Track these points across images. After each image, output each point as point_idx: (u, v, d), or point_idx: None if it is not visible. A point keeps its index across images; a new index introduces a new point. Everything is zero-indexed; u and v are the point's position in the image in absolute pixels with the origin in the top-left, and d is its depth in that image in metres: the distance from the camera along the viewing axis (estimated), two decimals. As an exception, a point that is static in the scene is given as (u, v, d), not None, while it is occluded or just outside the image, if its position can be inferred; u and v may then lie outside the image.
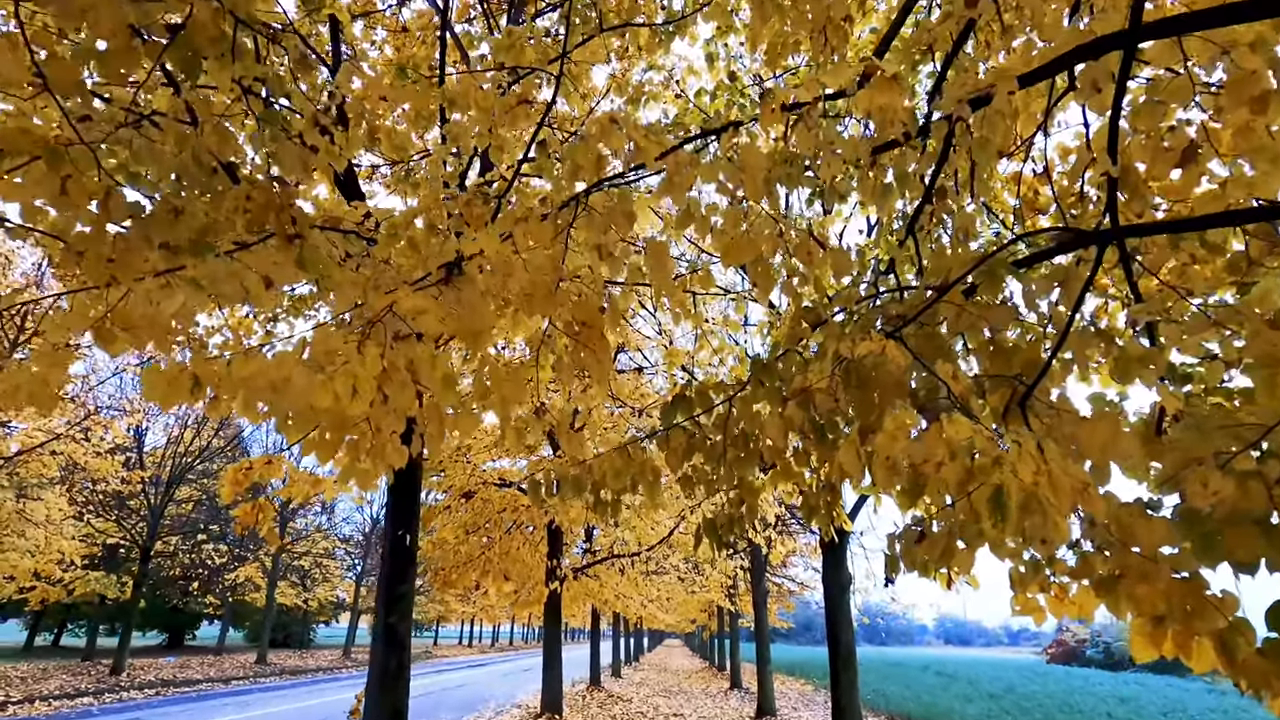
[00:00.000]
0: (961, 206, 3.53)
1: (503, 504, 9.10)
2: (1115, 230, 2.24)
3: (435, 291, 2.51)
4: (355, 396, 1.70)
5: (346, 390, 1.68)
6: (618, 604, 13.43)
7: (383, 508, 36.14)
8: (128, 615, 19.69)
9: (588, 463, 2.82)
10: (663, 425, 3.02)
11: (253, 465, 5.76)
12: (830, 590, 7.77)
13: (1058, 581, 2.76)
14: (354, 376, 1.70)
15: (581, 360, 2.83)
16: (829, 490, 3.27)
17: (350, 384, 1.69)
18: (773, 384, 2.76)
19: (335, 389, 1.67)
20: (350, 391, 1.69)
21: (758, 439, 3.11)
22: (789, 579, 27.28)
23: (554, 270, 2.79)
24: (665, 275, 2.73)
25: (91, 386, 16.26)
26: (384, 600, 4.61)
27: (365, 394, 1.72)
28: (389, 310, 2.22)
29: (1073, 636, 49.49)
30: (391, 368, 2.06)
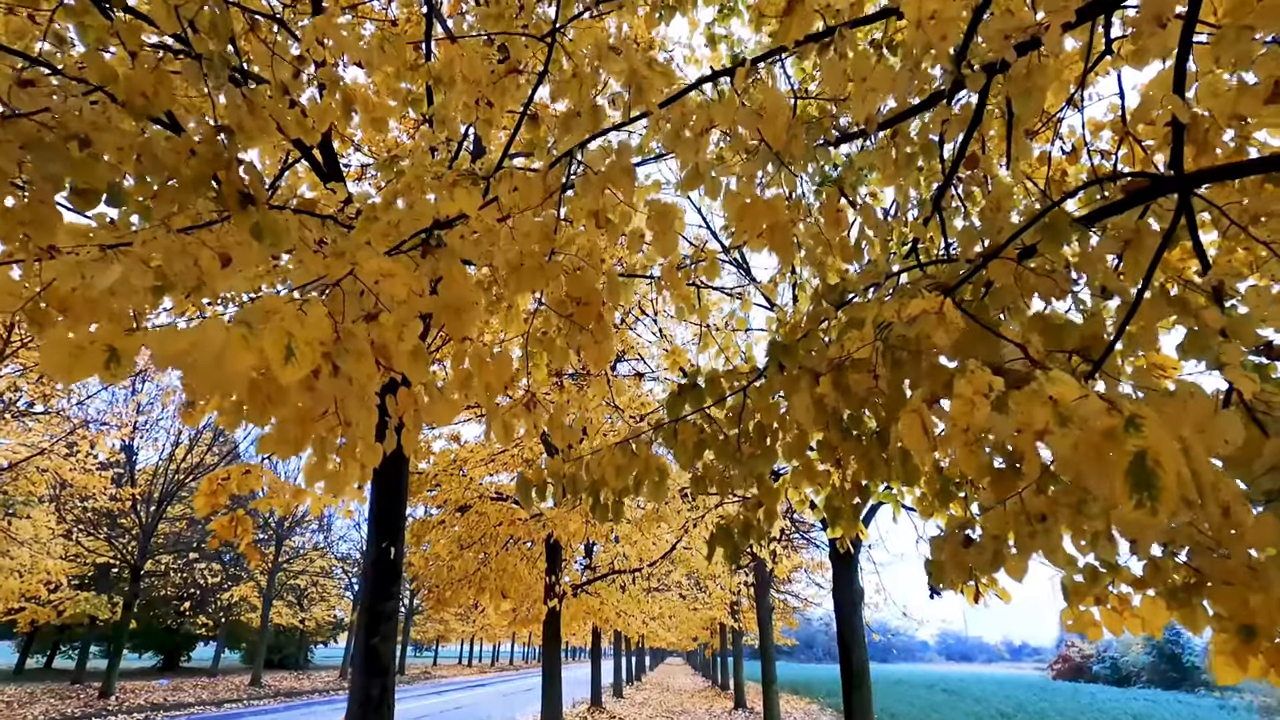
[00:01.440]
0: (995, 176, 3.22)
1: (499, 518, 8.72)
2: (1199, 175, 1.92)
3: (408, 261, 2.19)
4: (291, 362, 1.37)
5: (277, 351, 1.34)
6: (619, 622, 12.99)
7: (380, 525, 35.70)
8: (118, 637, 19.17)
9: (585, 459, 2.48)
10: (669, 417, 2.68)
11: (229, 475, 5.41)
12: (842, 605, 7.38)
13: (1117, 592, 2.43)
14: (289, 336, 1.37)
15: (578, 341, 2.49)
16: (856, 491, 2.93)
17: (283, 343, 1.35)
18: (793, 368, 2.43)
19: (262, 347, 1.33)
20: (283, 354, 1.35)
21: (776, 433, 2.78)
22: (792, 594, 26.76)
23: (545, 239, 2.47)
24: (670, 241, 2.40)
25: (80, 400, 15.89)
26: (366, 620, 4.24)
27: (304, 359, 1.39)
28: (349, 275, 1.89)
29: (1078, 652, 48.67)
30: (347, 335, 1.73)
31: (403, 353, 1.88)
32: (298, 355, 1.38)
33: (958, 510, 3.79)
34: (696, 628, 23.37)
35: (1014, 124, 2.80)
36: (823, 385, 1.93)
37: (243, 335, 1.31)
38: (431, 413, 2.36)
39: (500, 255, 2.51)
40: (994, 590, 3.60)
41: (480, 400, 2.63)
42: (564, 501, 8.84)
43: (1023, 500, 2.31)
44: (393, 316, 1.88)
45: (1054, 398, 1.15)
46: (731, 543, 2.86)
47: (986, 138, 3.50)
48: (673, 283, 4.50)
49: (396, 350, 1.87)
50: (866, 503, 2.91)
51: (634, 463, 2.49)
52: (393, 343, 1.86)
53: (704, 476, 2.75)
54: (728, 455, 2.69)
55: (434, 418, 2.36)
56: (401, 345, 1.86)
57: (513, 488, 10.53)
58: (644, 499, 9.73)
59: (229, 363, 1.32)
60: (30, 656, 28.61)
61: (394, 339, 1.86)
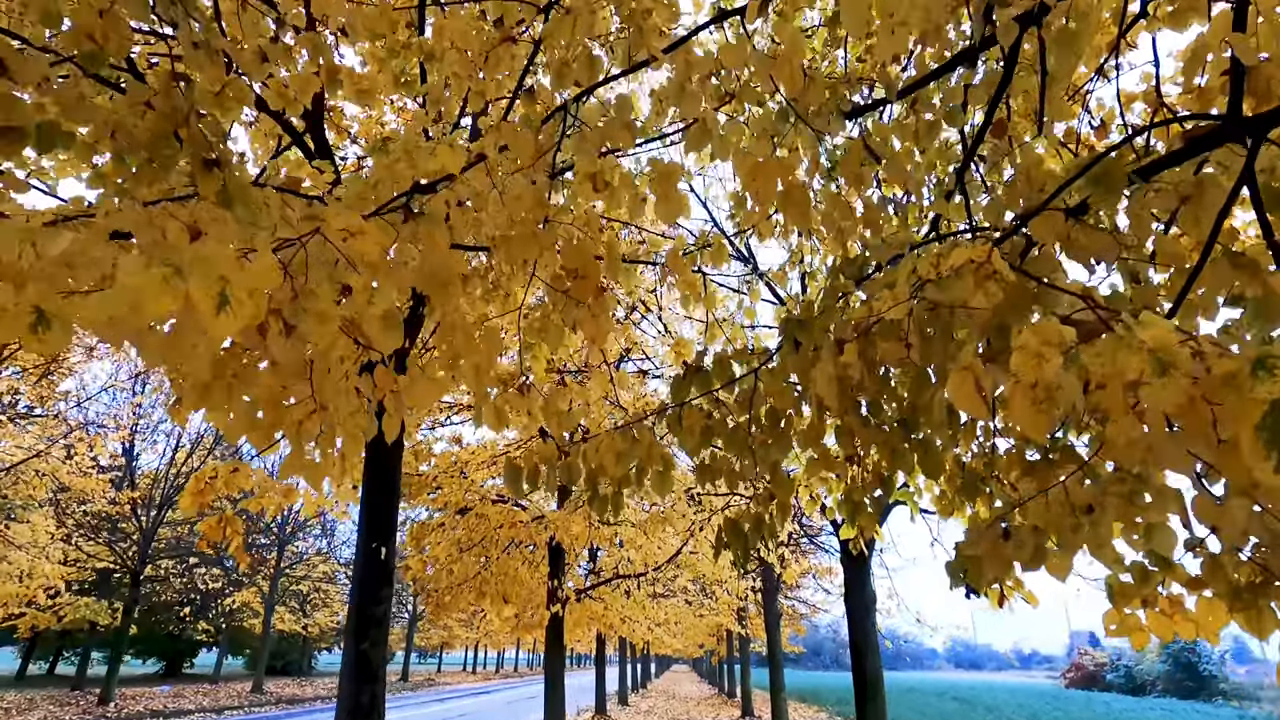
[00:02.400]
0: (1024, 144, 3.00)
1: (500, 520, 8.49)
2: (1275, 116, 1.69)
3: (384, 223, 1.98)
4: (226, 312, 1.15)
5: (207, 297, 1.13)
6: (623, 628, 12.72)
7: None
8: (118, 643, 18.98)
9: (581, 444, 2.26)
10: (674, 402, 2.46)
11: (217, 473, 5.21)
12: (854, 610, 7.11)
13: (1167, 593, 2.20)
14: (223, 281, 1.15)
15: (574, 316, 2.28)
16: (878, 483, 2.70)
17: (214, 289, 1.14)
18: (810, 345, 2.21)
19: (187, 291, 1.12)
20: (215, 301, 1.14)
21: (790, 420, 2.55)
22: (800, 600, 26.41)
23: (538, 205, 2.26)
24: (675, 203, 2.18)
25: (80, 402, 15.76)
26: (355, 624, 4.02)
27: (242, 310, 1.18)
28: (314, 234, 1.68)
29: (1091, 660, 47.94)
30: (306, 295, 1.51)
31: (372, 317, 1.67)
32: (234, 305, 1.16)
33: (983, 508, 3.55)
34: (703, 634, 23.04)
35: (1048, 82, 2.58)
36: (848, 354, 1.70)
37: (163, 276, 1.09)
38: (412, 393, 2.15)
39: (489, 222, 2.30)
40: (1019, 593, 3.37)
41: (468, 383, 2.42)
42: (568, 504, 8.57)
43: (1067, 489, 2.08)
44: (362, 278, 1.67)
45: (1149, 343, 0.93)
46: (742, 540, 2.63)
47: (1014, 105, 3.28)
48: (678, 269, 4.28)
49: (365, 315, 1.66)
50: (889, 496, 2.68)
51: (635, 450, 2.27)
52: (360, 302, 1.64)
53: (711, 467, 2.53)
54: (737, 444, 2.46)
55: (415, 399, 2.15)
56: (371, 309, 1.65)
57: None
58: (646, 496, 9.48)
59: (146, 307, 1.10)
60: (33, 663, 28.47)
61: (363, 302, 1.64)
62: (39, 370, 14.65)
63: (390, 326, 1.70)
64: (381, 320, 1.68)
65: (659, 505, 9.61)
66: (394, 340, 1.70)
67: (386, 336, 1.69)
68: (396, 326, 1.71)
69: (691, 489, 9.24)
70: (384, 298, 1.66)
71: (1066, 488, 2.03)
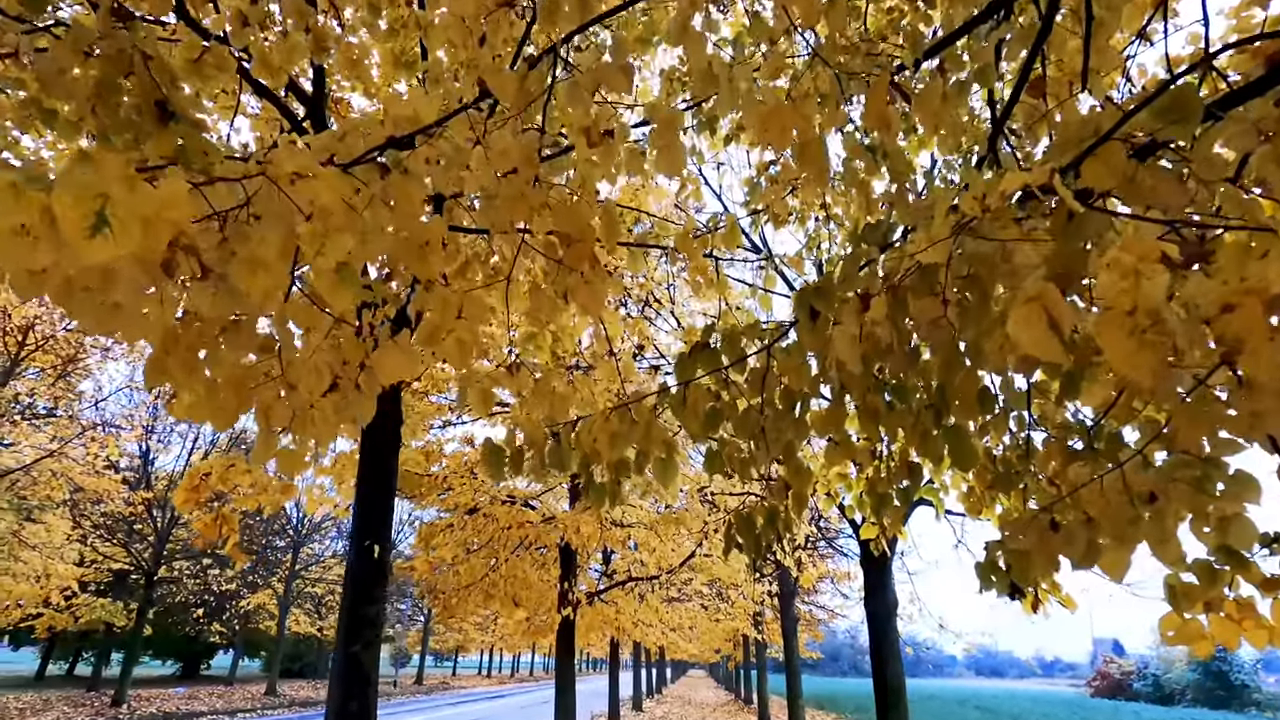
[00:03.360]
0: (1067, 100, 2.74)
1: (508, 520, 8.28)
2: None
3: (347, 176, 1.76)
4: (103, 235, 0.94)
5: (76, 214, 0.91)
6: (636, 632, 12.47)
7: (399, 533, 35.40)
8: (132, 644, 19.00)
9: (572, 424, 2.03)
10: (678, 380, 2.23)
11: (211, 470, 5.04)
12: (875, 615, 6.82)
13: (1235, 596, 1.93)
14: (101, 199, 0.94)
15: (566, 284, 2.05)
16: (905, 472, 2.45)
17: (88, 207, 0.92)
18: (830, 313, 1.97)
19: (47, 204, 0.90)
20: (87, 221, 0.92)
21: (807, 401, 2.31)
22: (817, 605, 25.99)
23: (527, 162, 2.04)
24: (676, 156, 1.95)
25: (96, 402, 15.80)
26: (346, 624, 3.82)
27: (126, 235, 0.96)
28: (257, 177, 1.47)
29: (1117, 668, 46.81)
30: (237, 237, 1.30)
31: (323, 270, 1.46)
32: (115, 229, 0.95)
33: (1016, 506, 3.28)
34: (719, 639, 22.70)
35: (1093, 29, 2.33)
36: (874, 309, 1.46)
37: (11, 183, 0.88)
38: (383, 366, 1.94)
39: (472, 180, 2.08)
40: (1055, 597, 3.11)
41: (451, 359, 2.20)
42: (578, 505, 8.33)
43: (1124, 476, 1.84)
44: (312, 226, 1.45)
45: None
46: (753, 534, 2.39)
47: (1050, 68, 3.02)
48: (688, 252, 4.05)
49: (315, 267, 1.45)
50: (918, 486, 2.43)
51: (633, 432, 2.03)
52: (309, 250, 1.43)
53: (720, 454, 2.29)
54: (748, 428, 2.23)
55: (387, 373, 1.93)
56: (321, 261, 1.43)
57: (526, 492, 10.11)
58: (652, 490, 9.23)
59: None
60: (53, 663, 28.68)
61: (312, 253, 1.43)
62: (56, 371, 14.70)
63: (346, 283, 1.49)
64: (334, 275, 1.47)
65: (672, 506, 9.36)
66: (347, 297, 1.49)
67: (339, 292, 1.48)
68: (351, 282, 1.50)
69: (705, 488, 8.99)
70: (336, 248, 1.45)
71: (1124, 474, 1.78)
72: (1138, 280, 0.80)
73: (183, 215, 1.09)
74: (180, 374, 1.97)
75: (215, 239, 1.29)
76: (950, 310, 1.47)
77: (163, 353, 1.81)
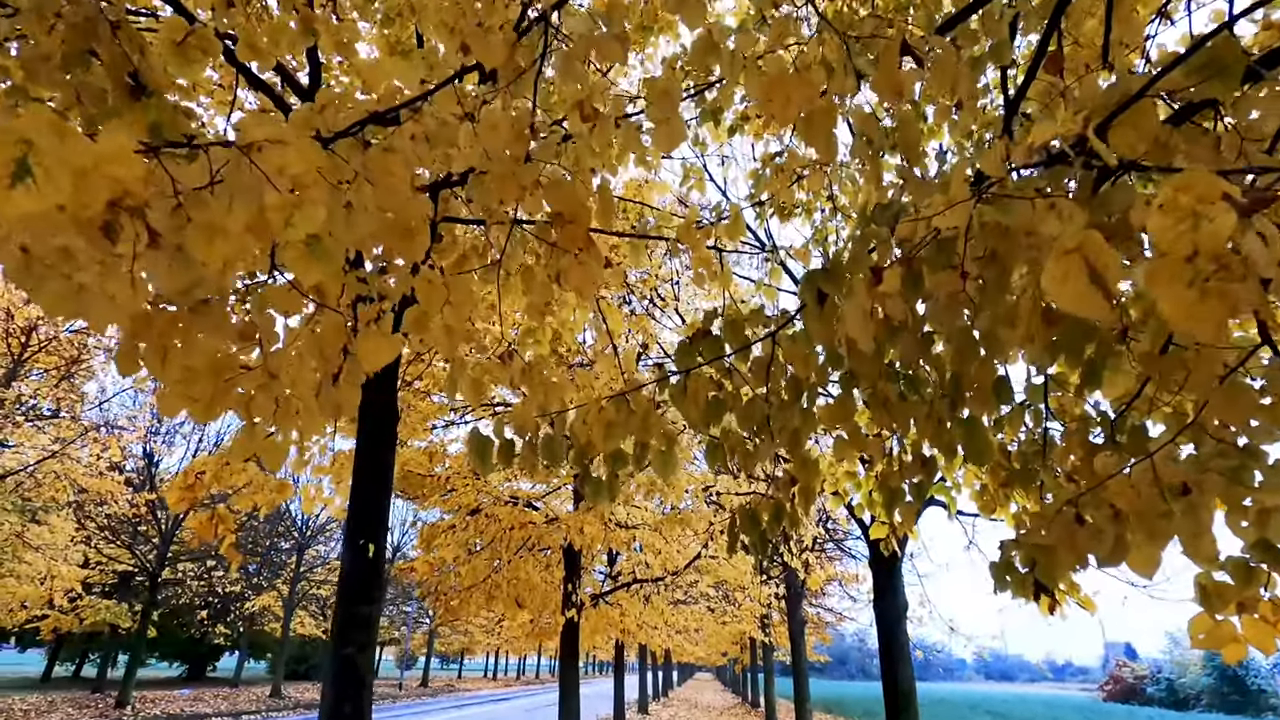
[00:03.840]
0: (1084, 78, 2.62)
1: (511, 521, 8.18)
2: None
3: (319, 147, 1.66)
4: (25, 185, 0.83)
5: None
6: (641, 634, 12.35)
7: (404, 534, 35.35)
8: (136, 646, 18.98)
9: (566, 413, 1.92)
10: (679, 369, 2.12)
11: (206, 468, 4.96)
12: (885, 618, 6.68)
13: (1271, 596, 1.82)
14: (24, 146, 0.83)
15: (559, 266, 1.94)
16: (920, 466, 2.33)
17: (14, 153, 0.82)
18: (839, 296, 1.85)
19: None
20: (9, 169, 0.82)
21: (814, 391, 2.20)
22: (825, 608, 25.78)
23: (518, 138, 1.94)
24: (675, 129, 1.84)
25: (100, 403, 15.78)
26: (340, 626, 3.71)
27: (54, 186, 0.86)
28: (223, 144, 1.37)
29: (1131, 673, 46.31)
30: (193, 203, 1.20)
31: (293, 243, 1.35)
32: (40, 179, 0.85)
33: (1032, 504, 3.16)
34: (725, 642, 22.54)
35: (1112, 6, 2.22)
36: (888, 282, 1.34)
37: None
38: (365, 352, 1.83)
39: (461, 159, 1.98)
40: (1073, 598, 2.99)
41: (440, 346, 2.10)
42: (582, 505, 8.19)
43: (1154, 466, 1.72)
44: (278, 195, 1.35)
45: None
46: (758, 531, 2.27)
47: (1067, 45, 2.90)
48: (692, 244, 3.93)
49: (283, 239, 1.34)
50: (932, 480, 2.31)
51: (630, 422, 1.92)
52: (278, 229, 1.32)
53: (722, 446, 2.17)
54: (752, 419, 2.11)
55: (369, 358, 1.83)
56: (290, 232, 1.33)
57: (530, 493, 10.00)
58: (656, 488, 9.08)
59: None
60: (59, 665, 28.73)
61: (279, 222, 1.32)
62: (59, 373, 14.70)
63: (317, 257, 1.38)
64: (303, 248, 1.36)
65: (677, 507, 9.25)
66: (319, 271, 1.38)
67: (309, 267, 1.37)
68: (324, 257, 1.39)
69: (710, 487, 8.87)
70: (307, 219, 1.34)
71: (1154, 464, 1.67)
72: (1196, 222, 0.68)
73: (128, 174, 0.98)
74: (154, 362, 1.87)
75: (169, 204, 1.18)
76: (969, 286, 1.35)
77: (134, 339, 1.72)
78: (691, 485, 8.87)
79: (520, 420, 1.82)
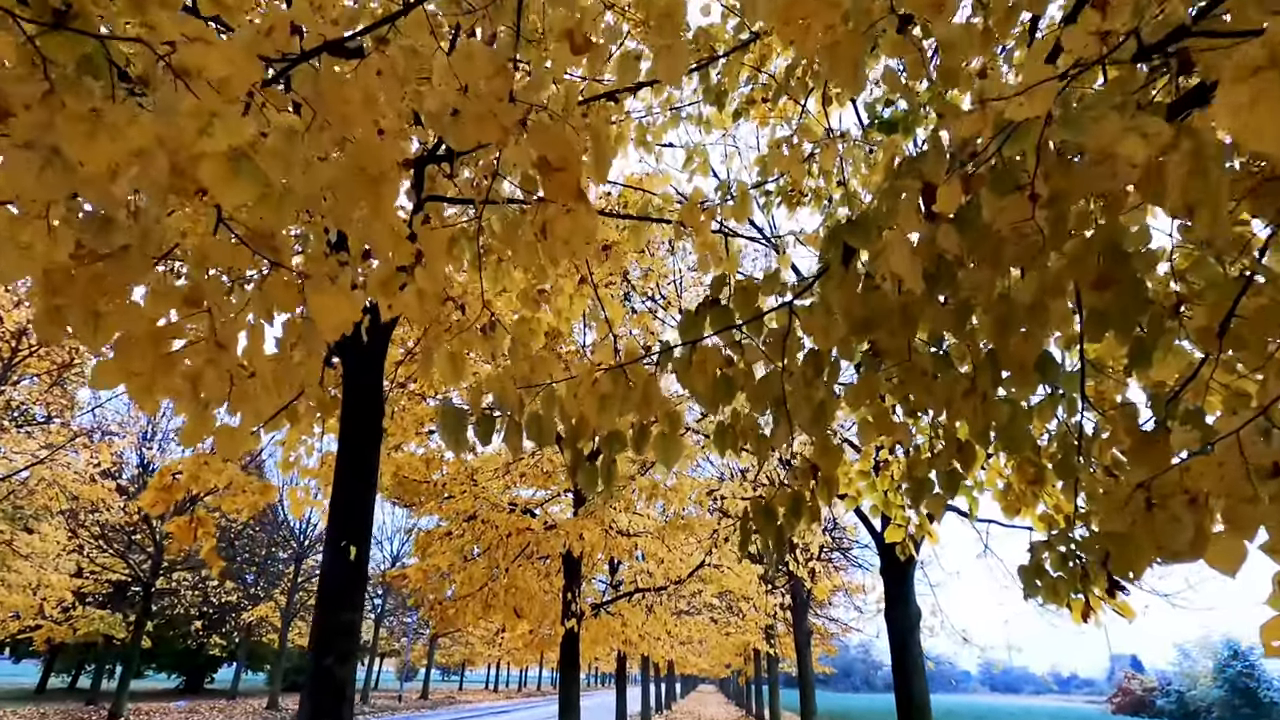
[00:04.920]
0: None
1: (508, 527, 7.91)
2: None
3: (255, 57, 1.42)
4: None
5: None
6: (644, 646, 12.02)
7: (403, 544, 35.03)
8: (130, 657, 18.65)
9: (555, 385, 1.66)
10: (684, 341, 1.86)
11: (183, 469, 4.69)
12: (897, 627, 6.39)
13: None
14: None
15: (545, 216, 1.69)
16: (955, 453, 2.07)
17: None
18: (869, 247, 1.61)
19: None
20: None
21: (836, 367, 1.94)
22: (830, 618, 25.39)
23: (499, 73, 1.69)
24: (677, 59, 1.60)
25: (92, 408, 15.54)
26: (319, 635, 3.44)
27: None
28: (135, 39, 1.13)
29: (1139, 685, 45.63)
30: (68, 87, 0.95)
31: (211, 156, 1.10)
32: None
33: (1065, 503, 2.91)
34: (729, 653, 22.16)
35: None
36: (942, 200, 1.09)
37: None
38: (321, 311, 1.58)
39: (434, 97, 1.73)
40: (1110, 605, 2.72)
41: (410, 313, 1.85)
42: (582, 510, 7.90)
43: (1240, 444, 1.47)
44: (196, 102, 1.10)
45: None
46: (773, 526, 2.02)
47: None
48: (695, 225, 3.70)
49: (198, 149, 1.09)
50: (970, 467, 2.05)
51: (629, 397, 1.67)
52: (190, 138, 1.08)
53: (732, 429, 1.92)
54: (767, 396, 1.86)
55: (324, 319, 1.58)
56: (206, 142, 1.08)
57: (529, 501, 9.73)
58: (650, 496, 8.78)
59: None
60: (55, 676, 28.37)
61: (193, 130, 1.07)
62: (51, 378, 14.47)
63: (240, 175, 1.13)
64: (223, 161, 1.11)
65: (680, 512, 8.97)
66: (240, 192, 1.13)
67: (229, 186, 1.12)
68: (250, 176, 1.14)
69: (714, 491, 8.59)
70: (229, 129, 1.09)
71: (1240, 441, 1.42)
72: None
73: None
74: (83, 327, 1.62)
75: (39, 88, 0.94)
76: (1041, 214, 1.10)
77: (52, 297, 1.47)
78: (695, 490, 8.60)
79: (500, 389, 1.56)
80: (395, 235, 1.66)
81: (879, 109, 4.80)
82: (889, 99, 4.77)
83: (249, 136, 1.09)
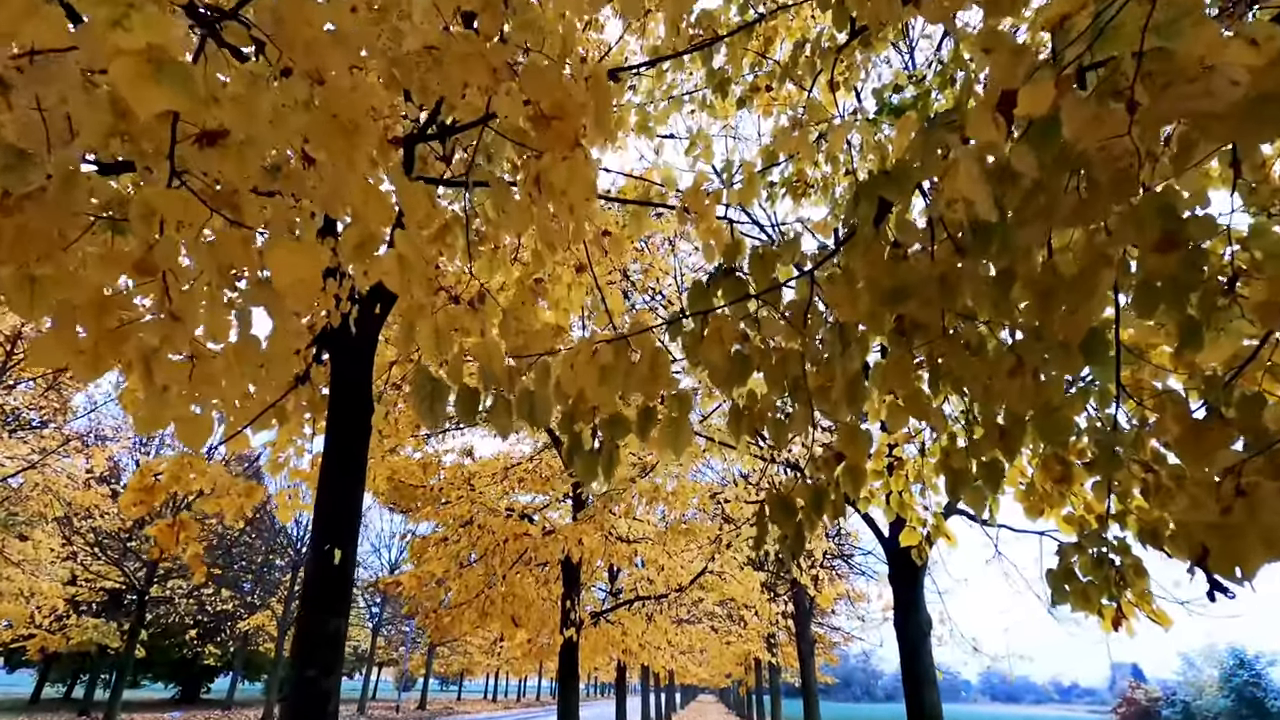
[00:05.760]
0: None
1: (505, 532, 7.70)
2: None
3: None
4: None
5: None
6: (644, 655, 11.77)
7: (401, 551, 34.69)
8: (123, 666, 18.36)
9: (548, 358, 1.47)
10: (692, 312, 1.67)
11: (163, 470, 4.49)
12: (907, 636, 6.17)
13: None
14: None
15: (540, 168, 1.50)
16: (998, 439, 1.87)
17: None
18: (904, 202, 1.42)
19: None
20: None
21: (864, 341, 1.75)
22: (832, 627, 25.10)
23: (487, 8, 1.51)
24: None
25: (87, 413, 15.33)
26: (301, 644, 3.22)
27: None
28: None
29: (1144, 694, 45.16)
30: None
31: (124, 53, 0.91)
32: None
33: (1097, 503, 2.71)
34: (730, 663, 21.87)
35: None
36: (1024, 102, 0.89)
37: None
38: (279, 265, 1.38)
39: (416, 35, 1.55)
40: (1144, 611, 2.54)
41: (390, 283, 1.65)
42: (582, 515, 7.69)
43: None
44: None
45: None
46: (792, 521, 1.81)
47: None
48: (699, 210, 3.53)
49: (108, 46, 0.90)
50: (1012, 456, 1.84)
51: (631, 373, 1.47)
52: (100, 34, 0.89)
53: (748, 412, 1.72)
54: (786, 379, 1.66)
55: (282, 275, 1.38)
56: (121, 36, 0.89)
57: (527, 506, 9.52)
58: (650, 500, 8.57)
59: None
60: (50, 685, 28.02)
61: (103, 22, 0.88)
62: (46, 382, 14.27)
63: (163, 77, 0.94)
64: (142, 61, 0.92)
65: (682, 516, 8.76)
66: (159, 98, 0.94)
67: (144, 91, 0.93)
68: (175, 78, 0.95)
69: (716, 493, 8.37)
70: (150, 23, 0.90)
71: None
72: None
73: None
74: (15, 292, 1.44)
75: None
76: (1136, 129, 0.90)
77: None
78: (696, 495, 8.39)
79: (488, 357, 1.37)
80: (370, 191, 1.46)
81: (887, 95, 4.64)
82: (898, 85, 4.62)
83: (173, 37, 0.91)
